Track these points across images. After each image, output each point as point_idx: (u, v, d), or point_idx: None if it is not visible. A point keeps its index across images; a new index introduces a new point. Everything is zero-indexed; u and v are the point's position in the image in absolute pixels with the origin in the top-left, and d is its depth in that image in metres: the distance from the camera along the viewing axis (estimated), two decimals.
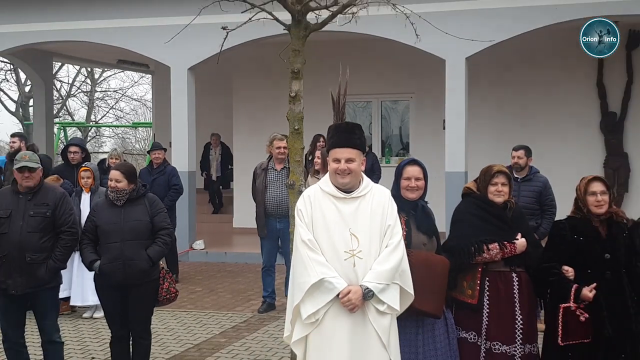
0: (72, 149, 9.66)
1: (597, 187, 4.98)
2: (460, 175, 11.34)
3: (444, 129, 12.00)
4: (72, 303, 8.66)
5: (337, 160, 4.22)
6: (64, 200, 5.89)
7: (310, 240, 4.14)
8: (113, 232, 5.81)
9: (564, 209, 8.63)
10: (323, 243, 4.15)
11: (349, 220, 4.18)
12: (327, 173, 4.37)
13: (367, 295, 4.08)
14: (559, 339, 4.81)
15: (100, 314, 8.44)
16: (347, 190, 4.24)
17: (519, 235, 4.96)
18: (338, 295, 4.07)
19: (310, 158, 9.80)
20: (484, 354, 4.86)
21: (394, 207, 4.33)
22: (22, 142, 10.71)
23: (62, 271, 8.19)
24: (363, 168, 4.33)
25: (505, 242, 4.90)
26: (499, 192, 5.00)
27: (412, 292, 4.30)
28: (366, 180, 4.34)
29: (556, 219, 7.86)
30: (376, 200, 4.26)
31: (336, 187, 4.24)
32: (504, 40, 11.46)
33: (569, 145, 13.63)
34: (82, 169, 8.60)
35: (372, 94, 14.89)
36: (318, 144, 10.87)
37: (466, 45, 10.33)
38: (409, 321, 4.58)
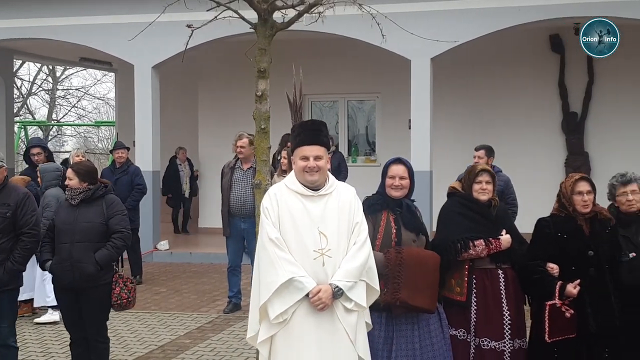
0: (34, 150, 9.51)
1: (584, 186, 5.09)
2: (426, 174, 11.40)
3: (410, 128, 12.06)
4: (36, 305, 8.51)
5: (306, 158, 4.20)
6: (26, 201, 5.77)
7: (277, 239, 4.10)
8: (65, 232, 5.72)
9: (526, 207, 8.79)
10: (291, 241, 4.12)
11: (317, 218, 4.16)
12: (292, 171, 4.35)
13: (337, 293, 4.07)
14: (546, 335, 4.89)
15: (47, 318, 8.33)
16: (314, 188, 4.23)
17: (503, 232, 5.05)
18: (307, 294, 4.05)
19: (278, 158, 9.78)
20: (473, 351, 4.93)
21: (359, 204, 4.34)
22: None
23: (25, 273, 8.15)
24: (329, 166, 4.33)
25: (491, 239, 4.99)
26: (483, 190, 5.10)
27: (378, 288, 4.31)
28: (332, 178, 4.33)
29: (518, 216, 8.00)
30: (342, 197, 4.26)
31: (303, 185, 4.22)
32: (468, 41, 11.57)
33: (531, 144, 13.80)
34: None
35: (339, 93, 14.93)
36: (289, 143, 10.85)
37: (431, 46, 10.40)
38: (404, 318, 4.63)
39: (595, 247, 5.03)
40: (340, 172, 11.45)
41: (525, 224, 5.91)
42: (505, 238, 5.03)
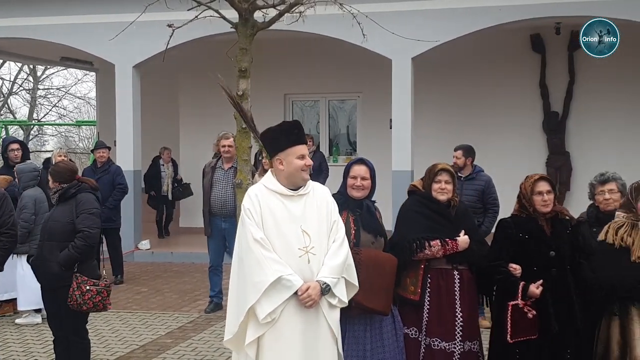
0: (14, 146, 9.46)
1: (543, 186, 5.09)
2: (407, 174, 11.45)
3: (391, 128, 12.11)
4: (19, 308, 8.45)
5: (303, 157, 4.26)
6: (3, 202, 5.77)
7: (262, 239, 4.11)
8: (42, 230, 5.80)
9: (507, 207, 8.78)
10: (275, 241, 4.14)
11: (298, 217, 4.20)
12: (269, 171, 4.38)
13: (325, 290, 4.12)
14: (508, 336, 4.88)
15: (29, 320, 8.29)
16: (294, 187, 4.27)
17: (461, 233, 5.01)
18: (295, 292, 4.08)
19: (260, 158, 9.78)
20: (423, 350, 4.92)
21: (335, 203, 4.40)
22: None
23: (4, 273, 8.10)
24: None
25: (447, 239, 4.96)
26: (442, 189, 5.06)
27: (357, 284, 4.35)
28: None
29: (500, 216, 8.04)
30: (318, 197, 4.32)
31: (284, 185, 4.25)
32: (449, 40, 11.61)
33: (512, 144, 13.87)
34: None
35: (320, 93, 14.94)
36: None
37: (412, 46, 10.45)
38: (357, 319, 4.62)
39: (556, 247, 5.03)
40: (321, 171, 11.49)
41: None
42: (463, 239, 4.98)
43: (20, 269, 8.11)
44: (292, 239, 4.15)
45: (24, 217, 7.97)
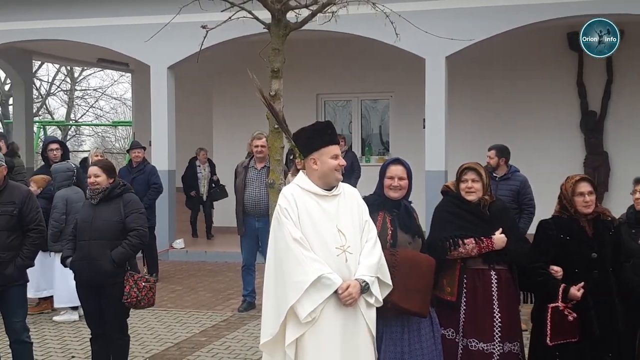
0: (53, 145, 9.60)
1: (585, 187, 5.03)
2: (440, 174, 11.38)
3: (424, 127, 12.04)
4: (56, 305, 8.59)
5: (337, 156, 4.31)
6: (30, 198, 5.87)
7: (302, 238, 4.14)
8: (84, 230, 5.81)
9: (544, 208, 8.72)
10: (312, 240, 4.16)
11: (333, 217, 4.23)
12: (301, 172, 4.42)
13: (364, 288, 4.16)
14: (548, 339, 4.84)
15: (67, 318, 8.40)
16: (328, 187, 4.30)
17: (497, 231, 4.92)
18: (336, 291, 4.11)
19: (291, 157, 9.80)
20: (461, 351, 4.87)
21: (364, 203, 4.44)
22: (1, 141, 10.62)
23: (41, 272, 8.24)
24: None
25: (482, 237, 4.88)
26: (469, 189, 4.99)
27: (390, 283, 4.36)
28: None
29: (537, 217, 7.95)
30: (348, 197, 4.36)
31: (319, 185, 4.28)
32: (484, 39, 11.51)
33: (549, 144, 13.72)
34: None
35: (352, 92, 14.93)
36: None
37: (446, 44, 10.37)
38: (395, 320, 4.59)
39: (598, 249, 4.97)
40: (353, 171, 11.47)
41: None
42: (499, 237, 4.88)
43: (57, 266, 8.22)
44: (329, 238, 4.18)
45: (54, 217, 8.09)
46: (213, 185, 14.36)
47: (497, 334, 4.85)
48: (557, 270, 4.94)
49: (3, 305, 5.87)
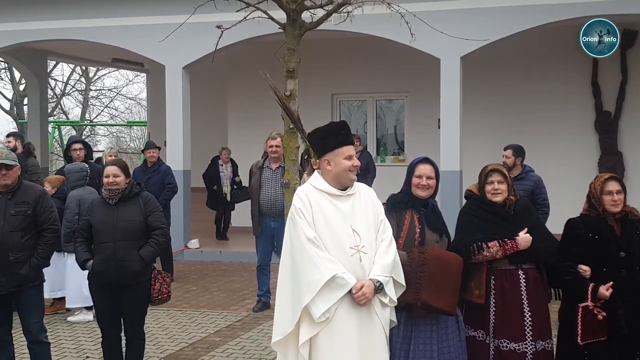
0: (76, 146, 9.64)
1: (614, 186, 5.02)
2: (455, 174, 11.35)
3: (439, 128, 12.02)
4: (67, 305, 8.62)
5: (351, 157, 4.32)
6: (44, 198, 5.86)
7: (316, 238, 4.16)
8: (105, 231, 5.74)
9: (558, 207, 8.72)
10: (327, 240, 4.18)
11: (348, 216, 4.25)
12: (315, 172, 4.43)
13: (379, 288, 4.17)
14: (579, 338, 4.83)
15: (81, 318, 8.43)
16: (342, 187, 4.31)
17: (522, 232, 4.89)
18: (350, 291, 4.11)
19: (306, 157, 9.80)
20: (493, 352, 4.85)
21: (380, 203, 4.44)
22: (17, 141, 10.69)
23: (55, 272, 8.27)
24: None
25: (506, 239, 4.86)
26: (495, 190, 4.98)
27: (404, 283, 4.37)
28: None
29: (551, 217, 7.92)
30: (364, 197, 4.37)
31: (333, 185, 4.29)
32: (499, 39, 11.48)
33: (564, 144, 13.66)
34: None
35: (367, 92, 14.92)
36: None
37: (461, 45, 10.34)
38: (423, 319, 4.58)
39: (626, 248, 4.95)
40: (368, 171, 11.46)
41: (557, 225, 5.81)
42: (523, 237, 4.86)
43: (69, 267, 8.25)
44: (344, 238, 4.19)
45: (67, 217, 8.11)
46: (235, 187, 14.02)
47: (528, 332, 4.83)
48: (585, 269, 4.92)
49: (19, 306, 5.87)
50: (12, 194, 5.77)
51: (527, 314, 4.85)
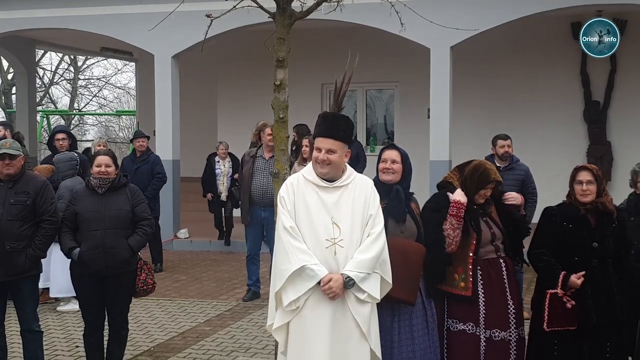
0: (59, 135, 9.57)
1: (584, 176, 5.02)
2: (445, 164, 11.37)
3: (429, 117, 12.03)
4: (52, 295, 8.58)
5: (319, 150, 4.27)
6: (45, 189, 5.84)
7: (292, 228, 4.17)
8: (94, 220, 5.74)
9: (547, 197, 8.74)
10: (304, 230, 4.18)
11: (331, 209, 4.22)
12: (311, 161, 4.40)
13: (348, 283, 4.12)
14: (545, 324, 4.84)
15: (70, 307, 8.40)
16: (328, 179, 4.28)
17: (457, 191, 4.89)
18: (320, 283, 4.11)
19: (293, 148, 9.78)
20: (484, 344, 4.82)
21: (376, 196, 4.35)
22: (6, 130, 10.61)
23: (46, 262, 8.22)
24: (346, 160, 4.36)
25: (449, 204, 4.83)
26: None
27: (391, 281, 4.33)
28: (349, 170, 4.36)
29: (540, 206, 7.94)
30: (358, 189, 4.30)
31: (318, 176, 4.27)
32: (489, 29, 11.49)
33: (553, 133, 13.71)
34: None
35: (357, 82, 14.67)
36: (312, 132, 10.87)
37: (451, 34, 10.34)
38: (385, 309, 4.55)
39: (600, 238, 4.95)
40: (358, 161, 11.44)
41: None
42: (456, 193, 4.85)
43: (55, 256, 8.20)
44: (321, 229, 4.18)
45: (59, 207, 8.06)
46: (236, 184, 11.30)
47: (512, 320, 4.87)
48: (578, 277, 4.89)
49: (15, 296, 5.86)
50: (13, 183, 5.76)
51: (510, 302, 4.88)
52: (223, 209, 12.41)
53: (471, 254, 4.85)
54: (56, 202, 5.96)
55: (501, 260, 4.93)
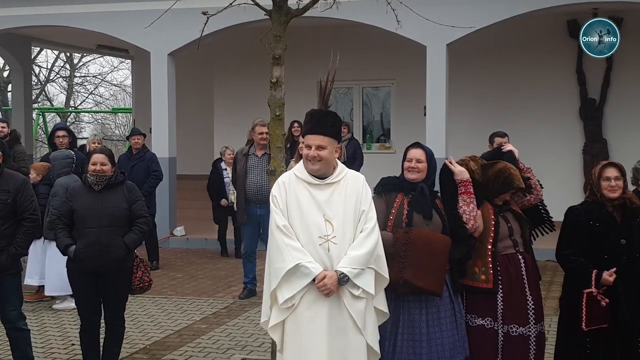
0: (60, 133, 9.56)
1: (612, 172, 5.02)
2: (441, 161, 11.24)
3: (425, 115, 12.04)
4: (47, 293, 8.56)
5: (308, 147, 4.27)
6: (25, 187, 5.80)
7: (285, 226, 4.17)
8: (90, 217, 5.72)
9: (545, 194, 8.76)
10: (297, 228, 4.18)
11: (323, 206, 4.22)
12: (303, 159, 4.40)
13: (342, 280, 4.13)
14: (583, 324, 4.85)
15: (66, 305, 8.39)
16: (320, 176, 4.27)
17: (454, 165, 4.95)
18: (314, 280, 4.11)
19: (288, 145, 9.78)
20: (502, 338, 4.83)
21: (368, 192, 4.36)
22: (4, 124, 10.59)
23: (35, 260, 8.23)
24: (337, 156, 4.35)
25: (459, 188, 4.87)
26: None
27: (387, 276, 4.34)
28: (340, 166, 4.36)
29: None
30: (350, 186, 4.30)
31: (310, 173, 4.27)
32: (485, 26, 11.49)
33: (549, 131, 13.72)
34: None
35: (354, 80, 14.90)
36: (292, 129, 10.88)
37: (447, 32, 10.34)
38: (413, 302, 4.59)
39: (627, 235, 4.96)
40: (355, 159, 11.47)
41: None
42: (459, 171, 4.92)
43: (51, 254, 8.19)
44: (314, 227, 4.18)
45: (54, 205, 8.05)
46: None
47: (531, 316, 4.86)
48: (610, 274, 4.90)
49: None
50: None
51: (529, 297, 4.88)
52: (232, 218, 11.21)
53: (490, 247, 4.86)
54: (36, 201, 5.91)
55: (520, 256, 4.93)
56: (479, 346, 4.81)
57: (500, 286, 4.85)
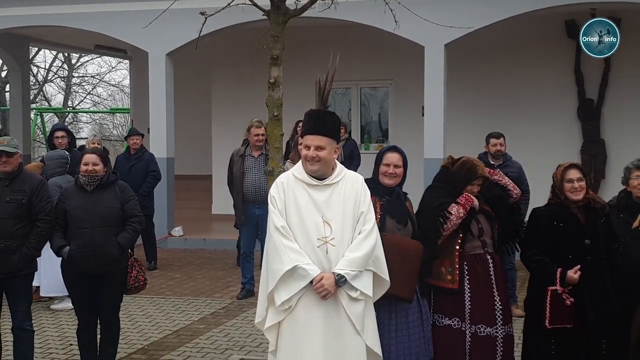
0: (59, 133, 9.55)
1: (574, 174, 5.03)
2: (439, 161, 11.19)
3: (423, 115, 12.04)
4: (43, 294, 8.54)
5: (307, 147, 4.24)
6: (41, 188, 5.81)
7: (283, 227, 4.15)
8: (83, 217, 5.72)
9: (542, 195, 8.76)
10: (296, 230, 4.16)
11: (322, 207, 4.20)
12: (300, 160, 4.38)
13: (340, 281, 4.11)
14: (547, 321, 4.84)
15: (64, 305, 8.37)
16: (318, 177, 4.25)
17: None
18: (312, 282, 4.10)
19: (292, 145, 9.78)
20: (469, 339, 4.83)
21: (367, 193, 4.33)
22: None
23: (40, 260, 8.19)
24: (336, 156, 4.33)
25: (458, 199, 4.87)
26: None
27: (387, 278, 4.31)
28: (339, 167, 4.34)
29: (534, 205, 7.95)
30: (349, 187, 4.27)
31: (308, 174, 4.25)
32: (483, 27, 11.49)
33: (547, 131, 13.71)
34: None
35: (351, 80, 14.88)
36: (298, 128, 10.88)
37: (445, 32, 10.35)
38: (382, 306, 4.55)
39: (591, 235, 4.97)
40: (353, 159, 11.46)
41: None
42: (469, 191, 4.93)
43: (46, 255, 8.16)
44: (312, 228, 4.16)
45: None
46: None
47: (498, 317, 4.86)
48: (574, 271, 4.90)
49: (8, 293, 5.84)
50: (9, 181, 5.73)
51: (497, 298, 4.88)
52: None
53: (457, 247, 4.86)
54: (52, 202, 5.91)
55: (488, 257, 4.94)
56: (446, 346, 4.82)
57: (468, 286, 4.85)
